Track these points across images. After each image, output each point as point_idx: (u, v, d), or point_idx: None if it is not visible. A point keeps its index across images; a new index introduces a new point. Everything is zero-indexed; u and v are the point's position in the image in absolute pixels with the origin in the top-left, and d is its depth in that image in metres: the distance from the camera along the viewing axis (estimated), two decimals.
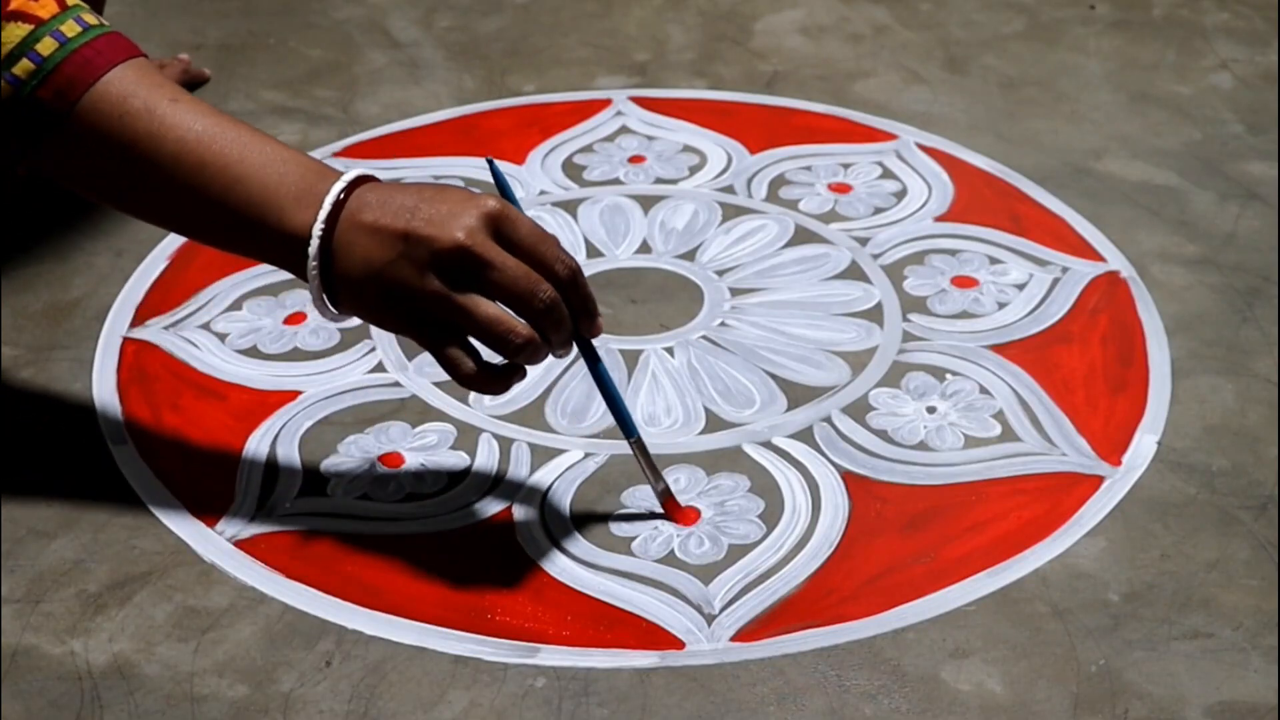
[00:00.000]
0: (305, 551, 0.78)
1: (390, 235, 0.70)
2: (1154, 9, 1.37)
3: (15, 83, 0.71)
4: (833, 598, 0.75)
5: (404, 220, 0.70)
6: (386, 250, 0.70)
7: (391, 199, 0.71)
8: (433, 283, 0.69)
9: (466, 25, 1.33)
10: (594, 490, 0.82)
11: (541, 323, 0.71)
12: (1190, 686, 0.70)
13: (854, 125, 1.18)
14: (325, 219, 0.70)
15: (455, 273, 0.70)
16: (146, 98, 0.72)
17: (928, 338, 0.93)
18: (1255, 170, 1.11)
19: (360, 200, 0.71)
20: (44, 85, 0.71)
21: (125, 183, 0.73)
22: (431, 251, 0.69)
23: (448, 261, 0.69)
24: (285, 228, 0.71)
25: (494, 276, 0.70)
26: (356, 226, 0.70)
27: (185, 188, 0.72)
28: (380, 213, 0.70)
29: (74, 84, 0.71)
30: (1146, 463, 0.84)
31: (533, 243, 0.71)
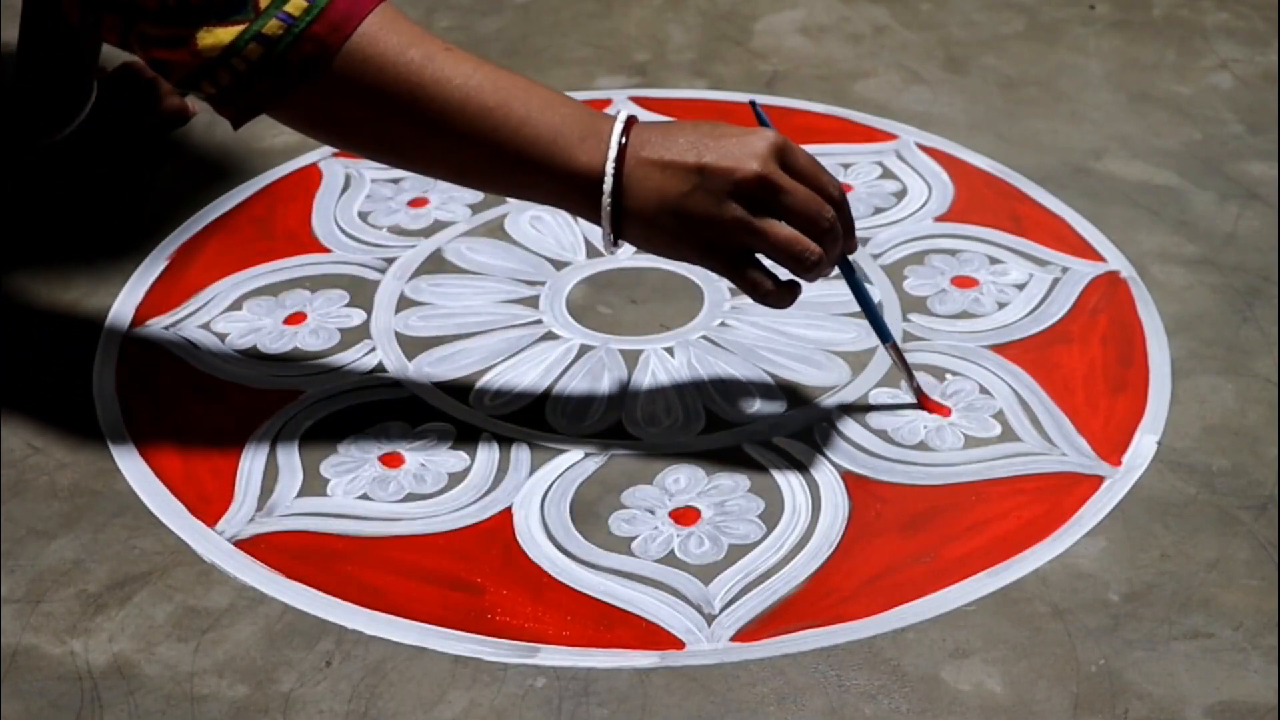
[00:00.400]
0: (305, 551, 0.78)
1: (683, 169, 0.75)
2: (1154, 9, 1.37)
3: (288, 20, 0.73)
4: (833, 598, 0.75)
5: (695, 155, 0.75)
6: (681, 183, 0.75)
7: (673, 137, 0.76)
8: (733, 209, 0.75)
9: (466, 25, 1.33)
10: (594, 490, 0.82)
11: (825, 240, 0.77)
12: (1190, 686, 0.70)
13: (854, 125, 1.18)
14: (615, 157, 0.75)
15: (751, 200, 0.75)
16: (424, 46, 0.75)
17: (928, 338, 0.93)
18: (1255, 170, 1.11)
19: (640, 139, 0.76)
20: (317, 20, 0.73)
21: (397, 129, 0.76)
22: (732, 182, 0.74)
23: (746, 189, 0.75)
24: (574, 166, 0.75)
25: (787, 201, 0.75)
26: (645, 163, 0.75)
27: (469, 133, 0.75)
28: (666, 150, 0.75)
29: (348, 19, 0.73)
30: (1146, 463, 0.84)
31: (813, 170, 0.77)
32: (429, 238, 1.03)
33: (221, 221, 1.05)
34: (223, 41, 0.73)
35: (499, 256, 1.01)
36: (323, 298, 0.97)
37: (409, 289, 0.98)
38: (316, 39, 0.73)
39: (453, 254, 1.01)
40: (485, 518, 0.80)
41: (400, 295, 0.97)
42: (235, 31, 0.73)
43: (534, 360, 0.91)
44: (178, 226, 1.04)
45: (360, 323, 0.95)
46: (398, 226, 1.05)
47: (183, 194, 1.08)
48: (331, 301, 0.96)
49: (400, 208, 1.06)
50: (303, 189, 1.08)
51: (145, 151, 1.09)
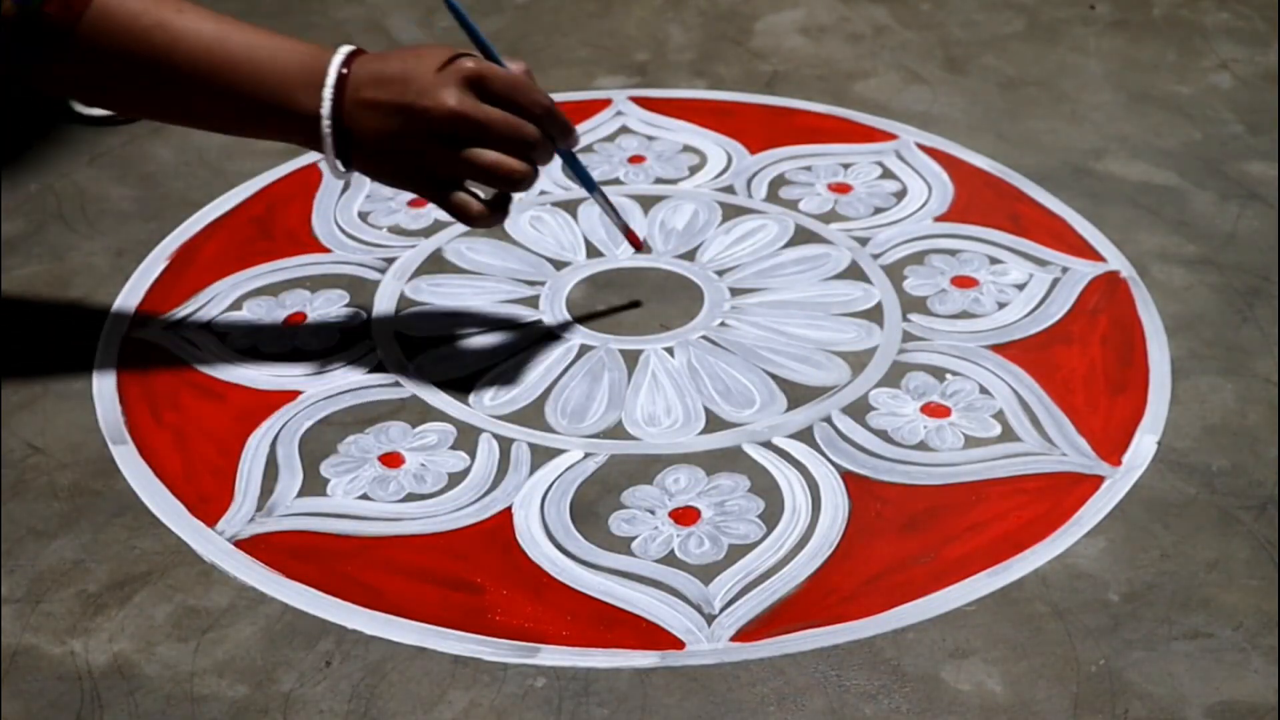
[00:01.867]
0: (305, 551, 0.78)
1: (390, 109, 0.80)
2: (1154, 9, 1.37)
3: (21, 1, 0.77)
4: (833, 598, 0.75)
5: (398, 93, 0.80)
6: (390, 123, 0.80)
7: (383, 71, 0.80)
8: (435, 147, 0.80)
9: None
10: (594, 490, 0.82)
11: (530, 155, 0.82)
12: (1190, 686, 0.70)
13: (854, 125, 1.18)
14: (331, 99, 0.80)
15: (453, 135, 0.80)
16: (155, 13, 0.80)
17: (928, 338, 0.93)
18: (1255, 170, 1.11)
19: (357, 78, 0.81)
20: (49, 1, 0.77)
21: (139, 90, 0.82)
22: (430, 121, 0.79)
23: (446, 128, 0.79)
24: (298, 109, 0.81)
25: (486, 131, 0.80)
26: (359, 104, 0.80)
27: (201, 88, 0.81)
28: (376, 89, 0.80)
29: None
30: (1146, 463, 0.84)
31: (508, 92, 0.81)
32: (429, 238, 1.03)
33: (221, 221, 1.05)
34: None
35: (499, 256, 1.01)
36: (323, 298, 0.97)
37: (409, 289, 0.98)
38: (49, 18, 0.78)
39: (453, 254, 1.01)
40: (485, 518, 0.80)
41: (400, 295, 0.97)
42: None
43: (534, 360, 0.91)
44: (177, 226, 1.04)
45: (360, 323, 0.95)
46: (398, 226, 1.05)
47: (183, 194, 1.08)
48: (331, 301, 0.96)
49: (400, 208, 1.06)
50: (303, 189, 1.09)
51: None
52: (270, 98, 0.81)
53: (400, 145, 0.80)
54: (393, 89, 0.80)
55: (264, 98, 0.81)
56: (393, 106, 0.80)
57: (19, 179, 1.09)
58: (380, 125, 0.80)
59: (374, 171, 0.83)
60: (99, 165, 1.11)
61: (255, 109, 0.81)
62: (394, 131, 0.80)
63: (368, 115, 0.80)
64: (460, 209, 0.82)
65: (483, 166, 0.81)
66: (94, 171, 1.10)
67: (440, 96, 0.79)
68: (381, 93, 0.80)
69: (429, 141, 0.80)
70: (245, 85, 0.80)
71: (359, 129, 0.81)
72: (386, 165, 0.82)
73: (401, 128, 0.80)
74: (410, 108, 0.79)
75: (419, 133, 0.80)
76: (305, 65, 0.81)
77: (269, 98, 0.81)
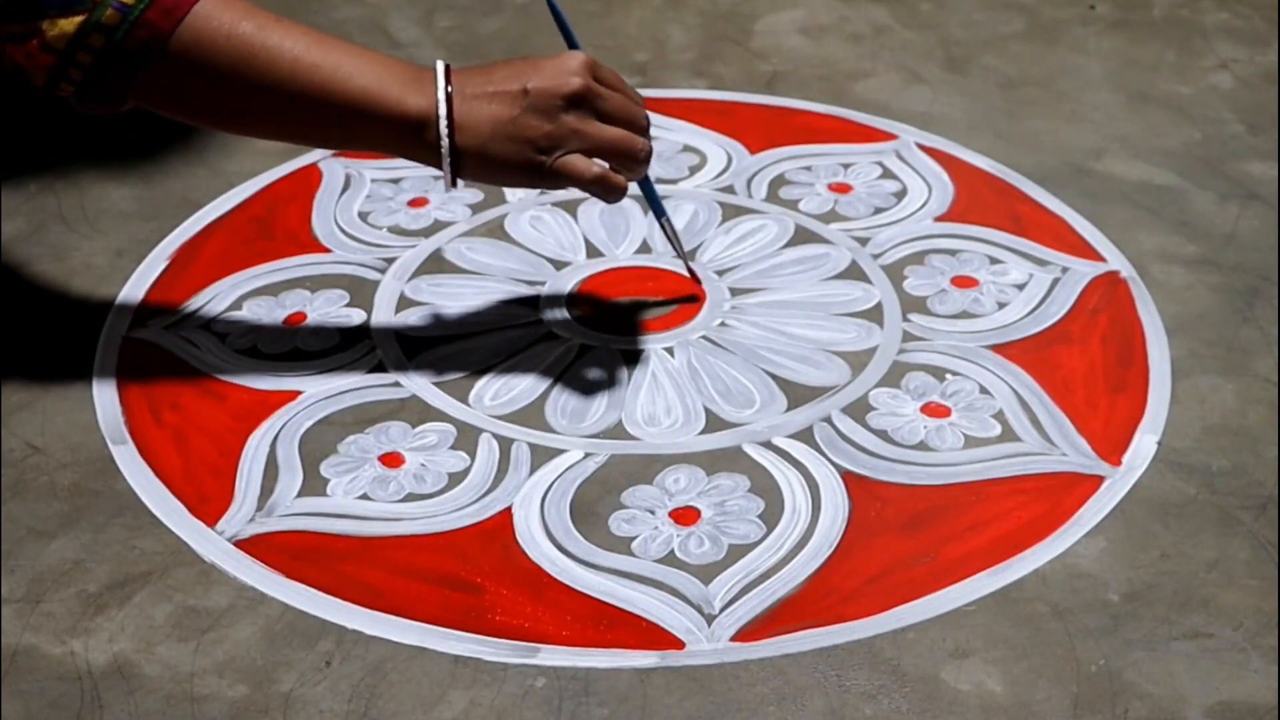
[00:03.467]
0: (305, 551, 0.78)
1: (510, 95, 0.81)
2: (1154, 9, 1.37)
3: (122, 8, 0.78)
4: (833, 598, 0.75)
5: (518, 83, 0.81)
6: (510, 108, 0.81)
7: (493, 73, 0.82)
8: (564, 121, 0.81)
9: (466, 25, 1.33)
10: (594, 490, 0.82)
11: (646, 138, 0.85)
12: (1190, 686, 0.70)
13: (854, 125, 1.18)
14: (444, 97, 0.81)
15: (580, 105, 0.82)
16: (255, 18, 0.80)
17: (928, 338, 0.93)
18: (1255, 170, 1.11)
19: (462, 79, 0.82)
20: (151, 7, 0.78)
21: (238, 98, 0.81)
22: (559, 97, 0.81)
23: (572, 103, 0.81)
24: (405, 111, 0.81)
25: (608, 107, 0.83)
26: (472, 98, 0.81)
27: (301, 94, 0.80)
28: (489, 83, 0.82)
29: (178, 4, 0.78)
30: (1146, 463, 0.84)
31: (618, 82, 0.85)
32: (429, 238, 1.03)
33: (221, 221, 1.05)
34: (67, 32, 0.78)
35: (499, 256, 1.01)
36: (323, 298, 0.97)
37: (409, 289, 0.98)
38: (150, 24, 0.78)
39: (453, 254, 1.01)
40: (485, 518, 0.80)
41: (400, 295, 0.97)
42: (77, 22, 0.77)
43: (534, 360, 0.91)
44: (177, 226, 1.04)
45: (360, 323, 0.95)
46: (398, 226, 1.05)
47: (183, 194, 1.08)
48: (331, 301, 0.96)
49: (400, 208, 1.06)
50: (303, 189, 1.09)
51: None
52: (378, 100, 0.80)
53: (523, 126, 0.81)
54: (507, 80, 0.81)
55: (371, 100, 0.80)
56: (512, 93, 0.81)
57: (19, 179, 1.09)
58: (501, 113, 0.81)
59: (490, 167, 0.82)
60: (99, 165, 1.11)
61: (361, 114, 0.80)
62: (515, 116, 0.81)
63: (484, 106, 0.81)
64: (576, 169, 0.82)
65: (612, 139, 0.82)
66: (94, 171, 1.10)
67: (564, 76, 0.81)
68: (495, 85, 0.81)
69: (556, 118, 0.81)
70: (351, 89, 0.80)
71: (472, 122, 0.81)
72: (503, 157, 0.82)
73: (524, 110, 0.81)
74: (535, 90, 0.81)
75: (545, 111, 0.81)
76: (408, 71, 0.81)
77: (376, 100, 0.80)
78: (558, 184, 0.83)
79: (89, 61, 0.79)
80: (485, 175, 0.83)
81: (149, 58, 0.79)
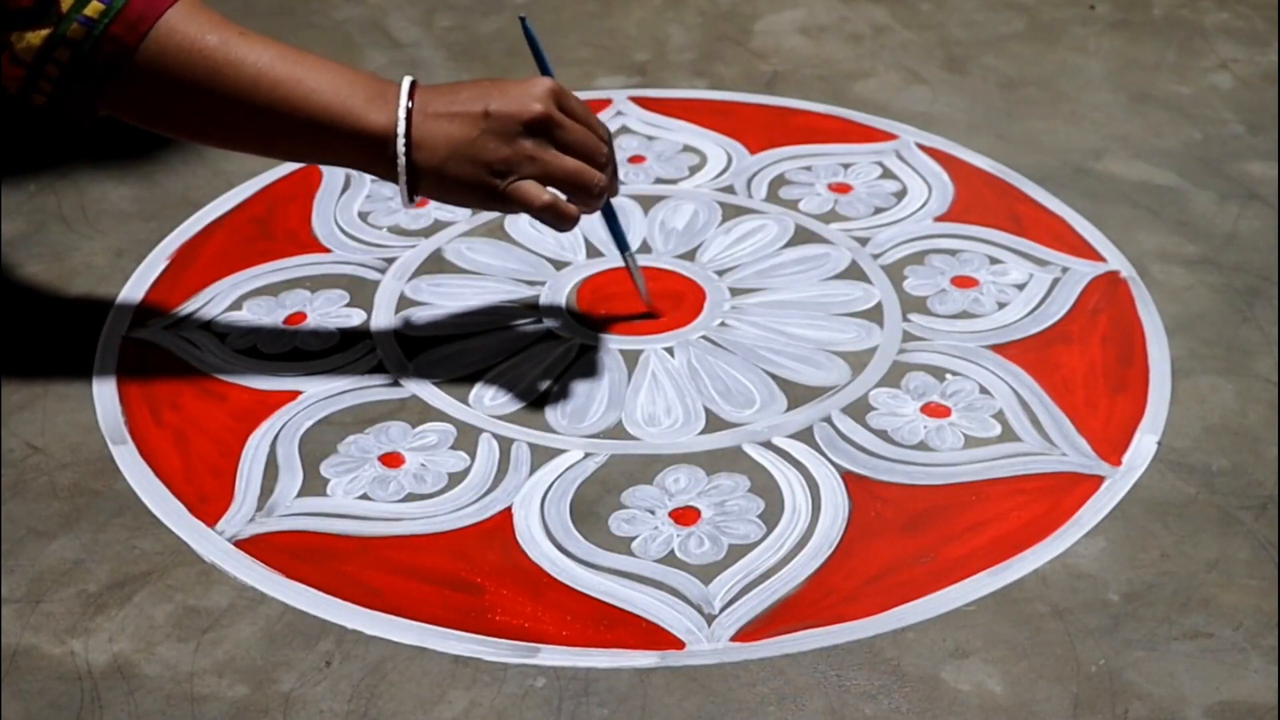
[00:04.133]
0: (305, 551, 0.78)
1: (471, 117, 0.81)
2: (1154, 9, 1.37)
3: (87, 23, 0.78)
4: (833, 598, 0.75)
5: (480, 104, 0.81)
6: (469, 129, 0.81)
7: (457, 93, 0.82)
8: (522, 145, 0.81)
9: (466, 25, 1.33)
10: (594, 490, 0.82)
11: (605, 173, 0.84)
12: (1190, 686, 0.70)
13: (854, 125, 1.18)
14: (404, 116, 0.80)
15: (539, 132, 0.82)
16: (219, 31, 0.80)
17: (928, 338, 0.93)
18: (1255, 170, 1.11)
19: (425, 98, 0.82)
20: (115, 21, 0.78)
21: (202, 111, 0.81)
22: (519, 122, 0.81)
23: (531, 129, 0.81)
24: (366, 127, 0.81)
25: (568, 138, 0.82)
26: (432, 116, 0.81)
27: (264, 107, 0.80)
28: (451, 104, 0.81)
29: (143, 19, 0.79)
30: (1146, 463, 0.84)
31: (583, 113, 0.84)
32: (429, 238, 1.03)
33: (221, 221, 1.05)
34: (33, 45, 0.78)
35: (499, 256, 1.01)
36: (323, 298, 0.97)
37: (409, 289, 0.98)
38: (115, 39, 0.79)
39: (453, 254, 1.01)
40: (485, 518, 0.80)
41: (400, 295, 0.97)
42: (43, 35, 0.78)
43: (534, 360, 0.91)
44: (177, 226, 1.04)
45: (360, 322, 0.95)
46: (398, 226, 1.05)
47: (182, 194, 1.08)
48: (331, 301, 0.96)
49: (400, 208, 1.06)
50: (303, 189, 1.09)
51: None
52: (339, 116, 0.80)
53: (480, 150, 0.81)
54: (469, 101, 0.81)
55: (333, 116, 0.80)
56: (473, 114, 0.81)
57: (19, 179, 1.09)
58: (459, 134, 0.81)
59: (446, 186, 0.82)
60: (99, 165, 1.11)
61: (322, 128, 0.81)
62: (473, 138, 0.81)
63: (444, 126, 0.81)
64: (526, 195, 0.82)
65: (567, 171, 0.82)
66: (94, 171, 1.10)
67: (526, 101, 0.81)
68: (457, 105, 0.81)
69: (513, 143, 0.81)
70: (313, 104, 0.80)
71: (431, 142, 0.81)
72: (460, 178, 0.81)
73: (483, 132, 0.81)
74: (495, 113, 0.81)
75: (504, 135, 0.81)
76: (371, 86, 0.81)
77: (338, 115, 0.80)
78: (510, 208, 0.83)
79: (56, 74, 0.79)
80: (440, 194, 0.83)
81: (115, 71, 0.79)
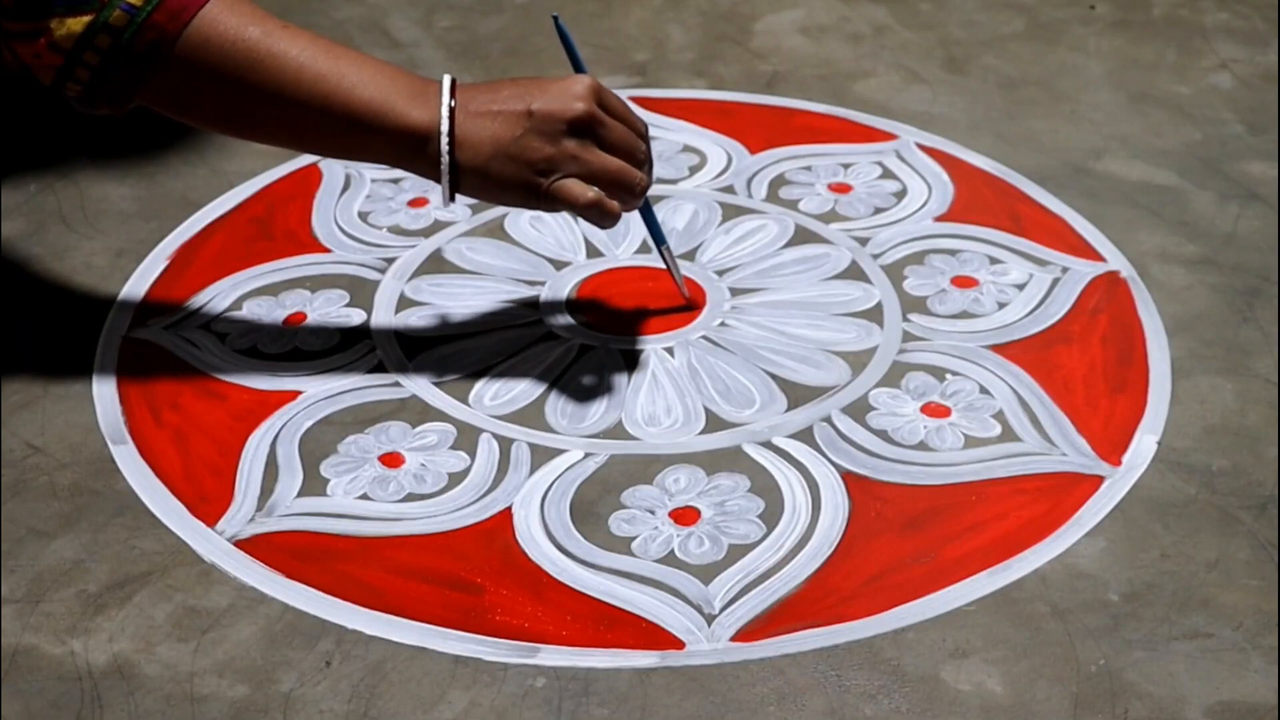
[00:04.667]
0: (305, 551, 0.78)
1: (513, 116, 0.81)
2: (1154, 9, 1.37)
3: (130, 10, 0.78)
4: (833, 598, 0.75)
5: (523, 103, 0.81)
6: (513, 128, 0.81)
7: (498, 91, 0.82)
8: (566, 145, 0.81)
9: (466, 25, 1.33)
10: (594, 490, 0.82)
11: (643, 171, 0.85)
12: (1190, 686, 0.70)
13: (854, 125, 1.18)
14: (448, 114, 0.80)
15: (581, 131, 0.81)
16: (262, 23, 0.80)
17: (928, 338, 0.93)
18: (1255, 170, 1.11)
19: (467, 96, 0.81)
20: (158, 10, 0.78)
21: (239, 102, 0.81)
22: (563, 121, 0.81)
23: (574, 127, 0.81)
24: (408, 124, 0.80)
25: (609, 136, 0.83)
26: (475, 115, 0.81)
27: (306, 101, 0.80)
28: (494, 102, 0.81)
29: (185, 8, 0.79)
30: (1146, 463, 0.84)
31: (623, 110, 0.84)
32: (429, 238, 1.03)
33: (221, 221, 1.05)
34: (74, 32, 0.78)
35: (499, 256, 1.01)
36: (323, 298, 0.97)
37: (409, 289, 0.98)
38: (157, 26, 0.78)
39: (453, 254, 1.01)
40: (485, 518, 0.80)
41: (400, 295, 0.97)
42: (85, 21, 0.78)
43: (534, 360, 0.91)
44: (177, 226, 1.04)
45: (360, 322, 0.95)
46: (398, 226, 1.05)
47: (182, 194, 1.08)
48: (331, 301, 0.96)
49: (400, 208, 1.06)
50: (303, 189, 1.09)
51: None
52: (381, 112, 0.80)
53: (524, 148, 0.81)
54: (512, 100, 0.81)
55: (374, 111, 0.80)
56: (516, 113, 0.81)
57: (19, 179, 1.09)
58: (502, 132, 0.80)
59: (488, 185, 0.82)
60: (99, 165, 1.11)
61: (362, 124, 0.80)
62: (517, 137, 0.80)
63: (487, 125, 0.80)
64: (571, 193, 0.82)
65: (609, 170, 0.82)
66: (94, 171, 1.10)
67: (569, 100, 0.81)
68: (499, 103, 0.81)
69: (557, 142, 0.81)
70: (355, 100, 0.80)
71: (474, 140, 0.80)
72: (502, 176, 0.81)
73: (527, 131, 0.80)
74: (539, 112, 0.80)
75: (547, 134, 0.80)
76: (413, 84, 0.81)
77: (380, 111, 0.80)
78: (554, 207, 0.83)
79: (96, 62, 0.79)
80: (483, 193, 0.83)
81: (155, 60, 0.79)
